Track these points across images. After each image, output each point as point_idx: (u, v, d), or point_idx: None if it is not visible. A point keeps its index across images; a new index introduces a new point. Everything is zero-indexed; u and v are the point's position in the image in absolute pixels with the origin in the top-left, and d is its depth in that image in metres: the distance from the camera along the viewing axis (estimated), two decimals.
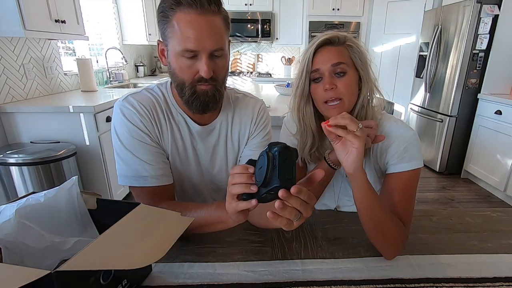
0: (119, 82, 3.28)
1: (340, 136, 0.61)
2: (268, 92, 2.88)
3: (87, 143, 1.98)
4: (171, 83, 0.83)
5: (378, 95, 0.80)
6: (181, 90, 0.73)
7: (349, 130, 0.58)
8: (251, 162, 0.51)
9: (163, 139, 0.80)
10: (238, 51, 4.81)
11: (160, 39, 0.73)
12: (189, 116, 0.81)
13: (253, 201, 0.49)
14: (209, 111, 0.77)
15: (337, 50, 0.75)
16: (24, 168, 1.71)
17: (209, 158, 0.86)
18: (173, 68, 0.71)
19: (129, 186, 0.77)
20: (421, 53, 3.25)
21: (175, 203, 0.77)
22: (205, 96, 0.72)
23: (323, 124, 0.59)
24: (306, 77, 0.77)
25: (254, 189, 0.48)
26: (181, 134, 0.82)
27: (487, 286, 0.60)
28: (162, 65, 4.36)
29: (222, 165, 0.88)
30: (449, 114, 2.86)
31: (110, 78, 3.21)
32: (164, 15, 0.67)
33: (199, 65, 0.68)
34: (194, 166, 0.85)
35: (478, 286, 0.60)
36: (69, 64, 2.65)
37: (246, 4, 4.12)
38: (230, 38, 0.78)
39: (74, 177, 0.63)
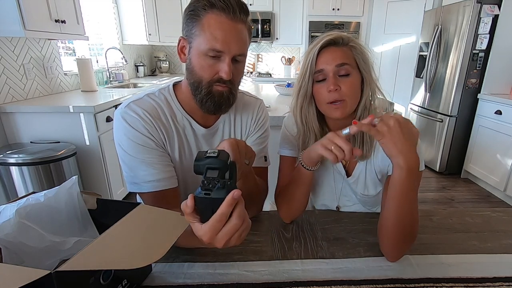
0: (119, 82, 3.27)
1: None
2: (268, 92, 2.88)
3: (87, 143, 1.98)
4: (174, 86, 0.82)
5: (380, 96, 0.79)
6: (196, 88, 0.73)
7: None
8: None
9: (170, 145, 0.79)
10: None
11: (184, 36, 0.74)
12: (194, 120, 0.81)
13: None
14: (221, 112, 0.78)
15: (341, 51, 0.74)
16: (24, 168, 1.71)
17: None
18: (193, 65, 0.72)
19: (138, 192, 0.77)
20: (421, 53, 3.25)
21: None
22: (220, 97, 0.73)
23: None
24: (309, 78, 0.76)
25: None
26: (187, 138, 0.81)
27: (487, 286, 0.60)
28: (162, 65, 4.37)
29: None
30: (449, 114, 2.86)
31: (110, 78, 3.20)
32: (194, 14, 0.69)
33: (220, 66, 0.70)
34: None
35: (478, 286, 0.60)
36: (69, 64, 2.65)
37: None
38: None
39: (74, 177, 0.63)
